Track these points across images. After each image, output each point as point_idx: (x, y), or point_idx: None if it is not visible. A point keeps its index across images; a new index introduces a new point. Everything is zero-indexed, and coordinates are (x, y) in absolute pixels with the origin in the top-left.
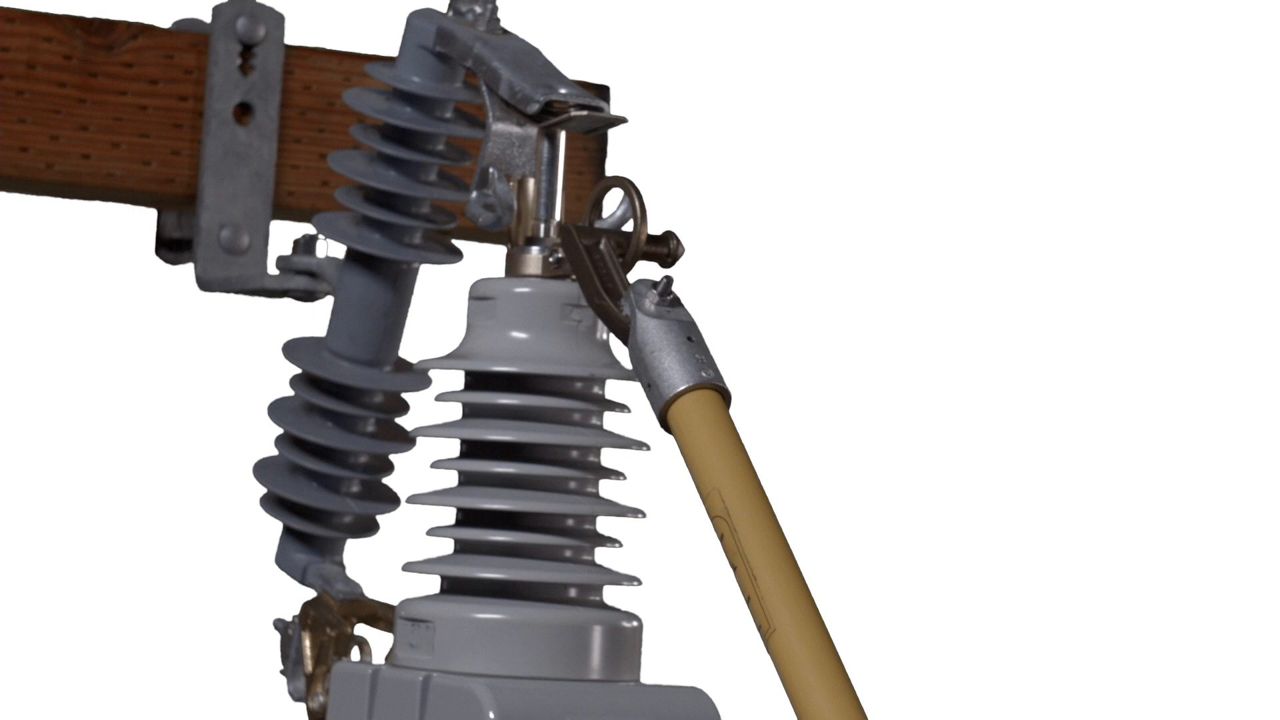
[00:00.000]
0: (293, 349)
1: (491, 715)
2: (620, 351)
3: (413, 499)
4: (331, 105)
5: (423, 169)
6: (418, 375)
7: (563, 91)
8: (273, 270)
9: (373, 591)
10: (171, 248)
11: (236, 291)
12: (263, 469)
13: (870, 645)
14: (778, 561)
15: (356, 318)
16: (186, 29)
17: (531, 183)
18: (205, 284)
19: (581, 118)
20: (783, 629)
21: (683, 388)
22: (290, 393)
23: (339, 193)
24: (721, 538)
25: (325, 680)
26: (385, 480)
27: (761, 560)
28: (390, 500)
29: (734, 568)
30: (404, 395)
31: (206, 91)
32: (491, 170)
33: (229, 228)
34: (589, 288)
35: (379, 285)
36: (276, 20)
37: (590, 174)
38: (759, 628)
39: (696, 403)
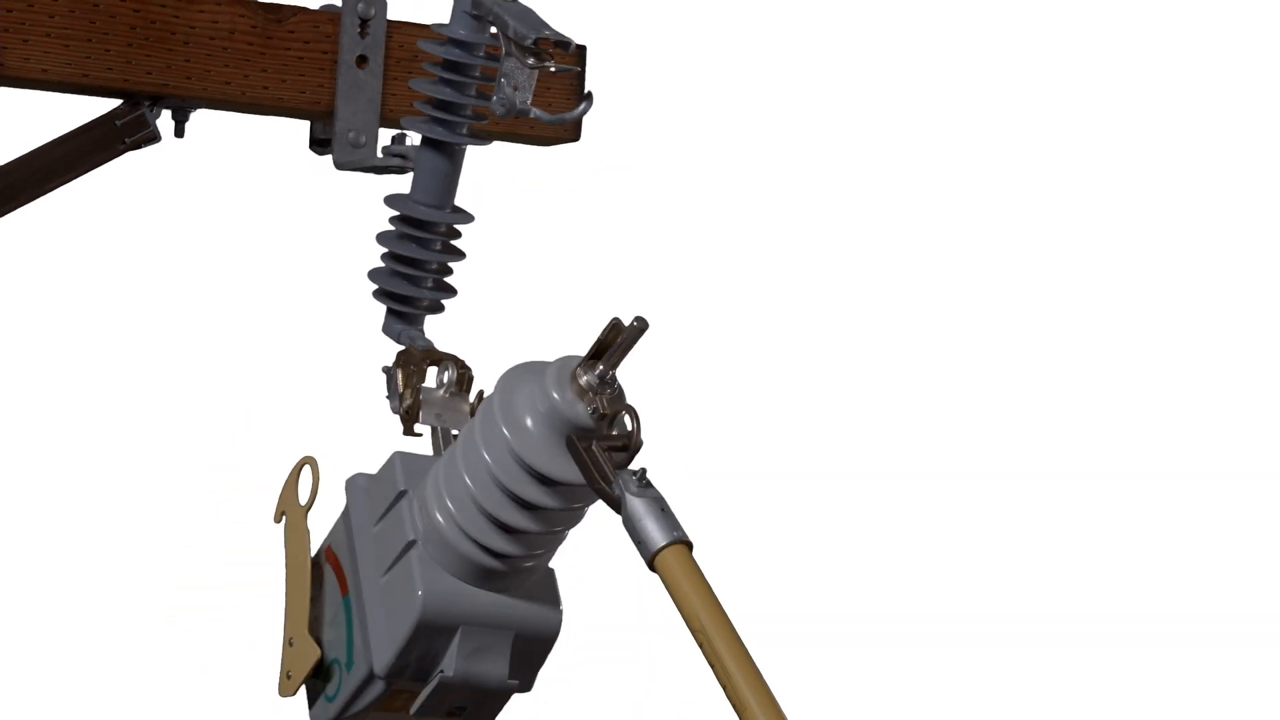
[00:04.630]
0: (392, 199)
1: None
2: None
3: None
4: (414, 57)
5: (466, 86)
6: (464, 213)
7: (547, 32)
8: (380, 155)
9: None
10: (319, 144)
11: (359, 170)
12: (375, 273)
13: (871, 645)
14: (743, 661)
15: (429, 178)
16: (328, 10)
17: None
18: (340, 165)
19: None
20: (752, 706)
21: (662, 544)
22: (391, 227)
23: (417, 104)
24: (701, 645)
25: (411, 393)
26: (447, 279)
27: (731, 661)
28: (450, 291)
29: (712, 665)
30: (456, 226)
31: (340, 48)
32: (503, 80)
33: (354, 131)
34: (590, 477)
35: (442, 158)
36: (382, 4)
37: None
38: (734, 706)
39: (674, 554)
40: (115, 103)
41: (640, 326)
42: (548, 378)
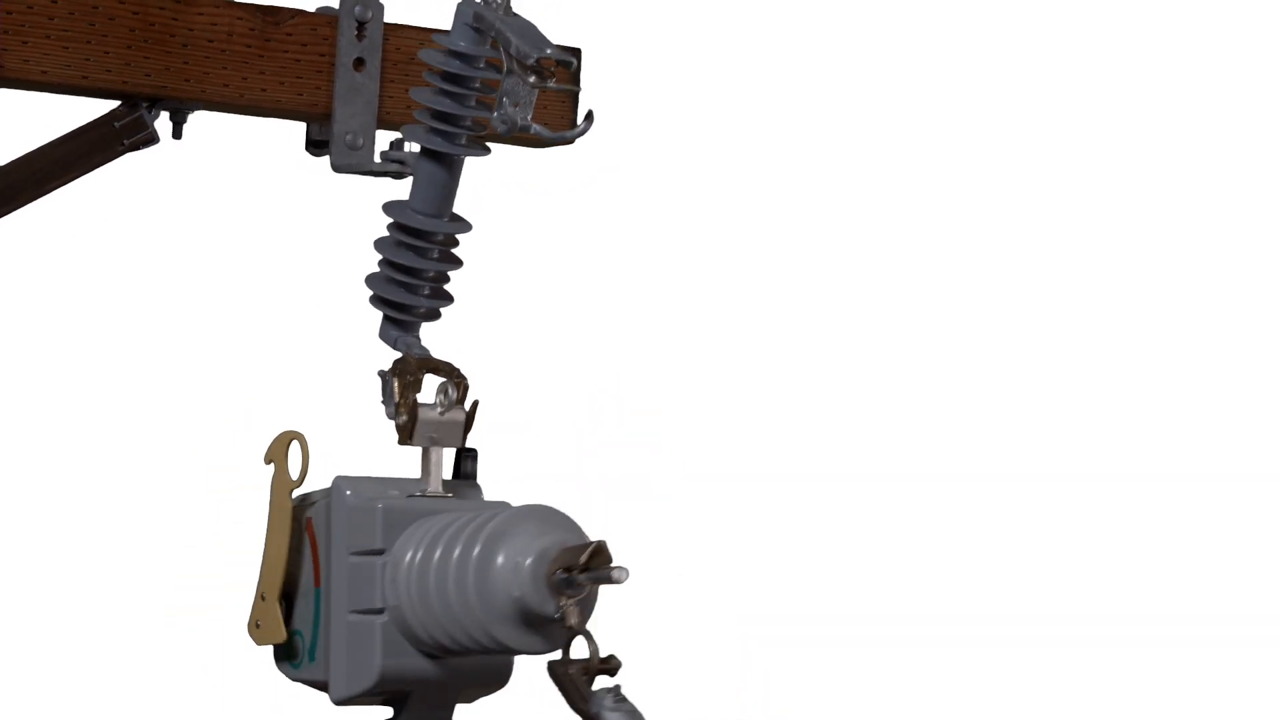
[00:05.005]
0: (390, 206)
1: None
2: None
3: None
4: (412, 60)
5: (466, 98)
6: (462, 222)
7: (549, 51)
8: (377, 160)
9: None
10: (316, 146)
11: (356, 173)
12: (371, 279)
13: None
14: None
15: (427, 187)
16: (325, 13)
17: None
18: (337, 168)
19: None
20: None
21: None
22: (389, 234)
23: (416, 113)
24: None
25: (406, 406)
26: (444, 287)
27: None
28: (447, 299)
29: None
30: (454, 236)
31: (337, 50)
32: (504, 97)
33: (351, 134)
34: (568, 696)
35: (440, 168)
36: (379, 7)
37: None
38: None
39: None
40: (114, 104)
41: (617, 578)
42: (529, 554)
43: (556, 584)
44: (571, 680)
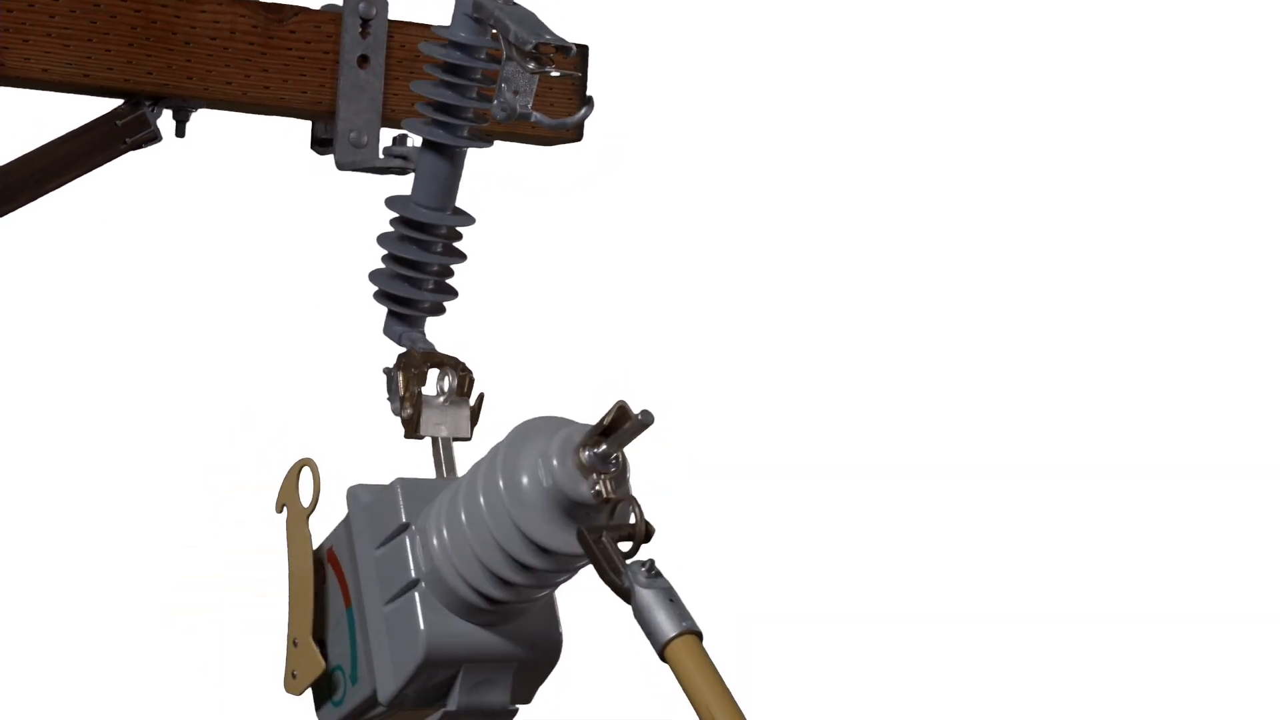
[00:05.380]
0: (393, 200)
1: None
2: None
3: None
4: (416, 57)
5: (467, 89)
6: (465, 215)
7: (547, 37)
8: (381, 156)
9: None
10: (320, 144)
11: (360, 169)
12: (375, 274)
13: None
14: None
15: (429, 180)
16: (329, 10)
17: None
18: (341, 165)
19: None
20: None
21: (672, 635)
22: (392, 229)
23: (418, 105)
24: None
25: (412, 399)
26: (448, 281)
27: None
28: (451, 293)
29: None
30: (457, 229)
31: (341, 48)
32: (504, 85)
33: (355, 131)
34: (599, 568)
35: (442, 160)
36: (383, 4)
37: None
38: None
39: (684, 645)
40: (116, 103)
41: (645, 421)
42: (552, 448)
43: (586, 464)
44: (603, 547)
